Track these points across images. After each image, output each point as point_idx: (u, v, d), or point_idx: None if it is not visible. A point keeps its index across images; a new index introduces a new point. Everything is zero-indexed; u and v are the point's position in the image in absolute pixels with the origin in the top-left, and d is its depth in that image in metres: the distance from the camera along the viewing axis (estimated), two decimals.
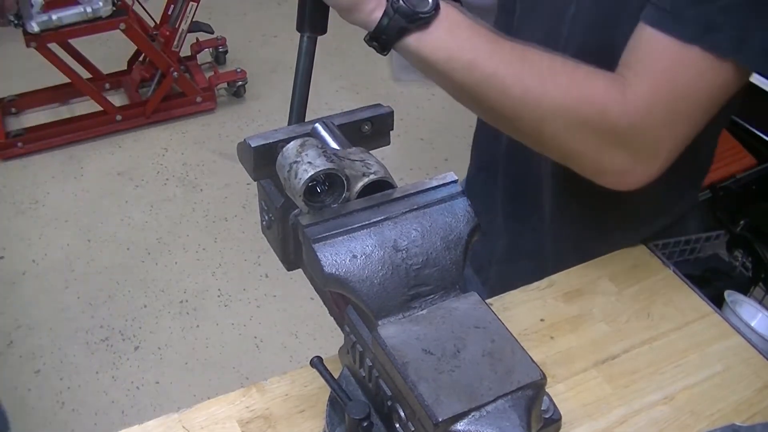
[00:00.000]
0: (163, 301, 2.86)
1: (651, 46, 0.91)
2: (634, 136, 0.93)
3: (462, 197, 0.78)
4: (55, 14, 3.09)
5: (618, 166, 0.95)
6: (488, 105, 0.94)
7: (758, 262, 2.39)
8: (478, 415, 0.67)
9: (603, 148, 0.94)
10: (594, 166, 0.97)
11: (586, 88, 0.92)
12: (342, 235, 0.73)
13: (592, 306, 1.13)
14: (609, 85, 0.92)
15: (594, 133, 0.93)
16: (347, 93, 3.86)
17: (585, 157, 0.96)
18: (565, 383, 1.02)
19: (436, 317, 0.74)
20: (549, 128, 0.94)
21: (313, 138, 0.79)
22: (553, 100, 0.91)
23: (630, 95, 0.91)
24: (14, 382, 2.56)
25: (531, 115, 0.93)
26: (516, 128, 0.98)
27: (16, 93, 3.64)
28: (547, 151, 1.01)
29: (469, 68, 0.90)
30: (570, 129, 0.93)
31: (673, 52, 0.89)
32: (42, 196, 3.27)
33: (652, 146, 0.94)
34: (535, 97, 0.91)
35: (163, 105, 3.60)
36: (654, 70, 0.91)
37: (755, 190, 2.73)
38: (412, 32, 0.89)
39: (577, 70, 0.93)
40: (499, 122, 1.00)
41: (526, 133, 0.98)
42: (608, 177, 0.98)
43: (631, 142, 0.93)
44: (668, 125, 0.93)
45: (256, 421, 0.96)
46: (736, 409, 1.00)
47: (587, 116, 0.92)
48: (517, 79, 0.91)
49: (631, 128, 0.92)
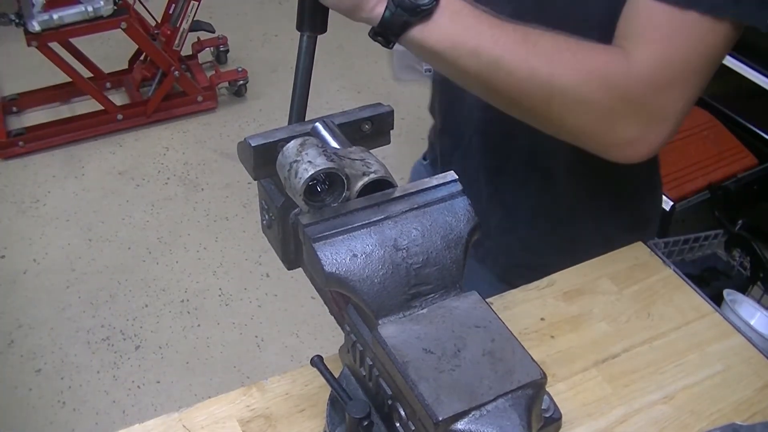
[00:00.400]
0: (164, 300, 2.86)
1: (648, 15, 0.92)
2: (643, 104, 0.94)
3: (462, 196, 0.78)
4: (56, 13, 3.10)
5: (630, 136, 0.97)
6: (496, 89, 0.95)
7: (756, 262, 2.39)
8: (479, 414, 0.67)
9: (614, 121, 0.95)
10: (606, 140, 0.98)
11: (591, 63, 0.93)
12: (342, 235, 0.73)
13: (593, 305, 1.13)
14: (612, 57, 0.93)
15: (604, 107, 0.94)
16: (348, 92, 3.86)
17: (597, 132, 0.98)
18: (565, 383, 1.02)
19: (436, 316, 0.74)
20: (558, 107, 0.95)
21: (313, 137, 0.79)
22: (560, 79, 0.93)
23: (633, 65, 0.92)
24: (15, 381, 2.56)
25: (540, 95, 0.94)
26: (525, 110, 0.99)
27: (17, 92, 3.65)
28: (557, 130, 1.01)
29: (474, 54, 0.91)
30: (580, 105, 0.94)
31: (670, 20, 0.91)
32: (43, 196, 3.27)
33: (661, 112, 0.95)
34: (542, 77, 0.92)
35: (164, 104, 3.60)
36: (653, 39, 0.92)
37: (756, 190, 2.73)
38: (415, 24, 0.90)
39: (581, 46, 0.94)
40: (508, 105, 1.00)
41: (535, 114, 0.99)
42: (621, 150, 0.99)
43: (640, 111, 0.95)
44: (674, 89, 0.94)
45: (257, 420, 0.96)
46: (736, 409, 1.00)
47: (595, 90, 0.93)
48: (523, 61, 0.92)
49: (639, 96, 0.94)
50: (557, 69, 0.92)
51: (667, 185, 2.61)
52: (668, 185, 2.63)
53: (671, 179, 2.65)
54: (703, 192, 2.67)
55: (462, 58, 0.92)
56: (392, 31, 0.91)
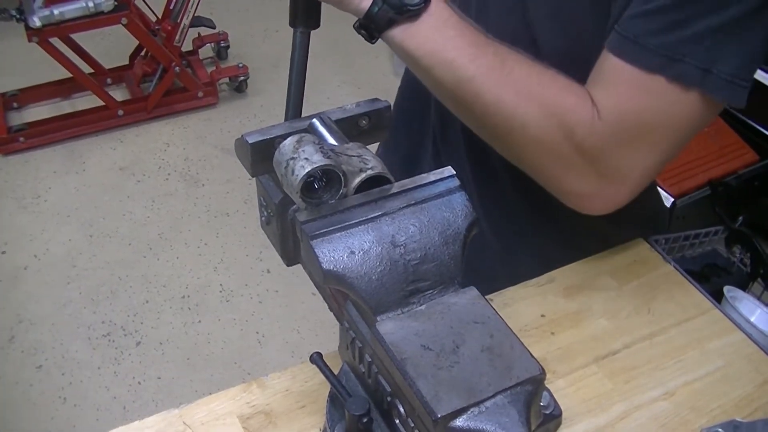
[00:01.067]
0: (164, 296, 2.86)
1: (616, 73, 0.90)
2: (600, 158, 0.93)
3: (460, 192, 0.78)
4: (57, 9, 3.09)
5: (583, 188, 0.96)
6: (464, 106, 0.95)
7: (757, 258, 2.39)
8: (477, 410, 0.67)
9: (568, 169, 0.95)
10: (559, 185, 0.98)
11: (558, 104, 0.92)
12: (340, 231, 0.73)
13: (593, 302, 1.12)
14: (580, 103, 0.92)
15: (560, 152, 0.93)
16: (348, 87, 3.86)
17: (550, 175, 0.97)
18: (565, 379, 1.02)
19: (434, 313, 0.74)
20: (518, 140, 0.95)
21: (310, 134, 0.79)
22: (523, 116, 0.92)
23: (597, 117, 0.91)
24: (16, 377, 2.57)
25: (501, 125, 0.94)
26: (489, 134, 0.99)
27: (18, 88, 3.64)
28: (514, 161, 1.01)
29: (448, 68, 0.91)
30: (537, 144, 0.94)
31: (638, 81, 0.89)
32: (44, 191, 3.27)
33: (618, 170, 0.94)
34: (507, 108, 0.92)
35: (165, 100, 3.60)
36: (620, 97, 0.90)
37: (757, 186, 2.73)
38: (400, 23, 0.90)
39: (554, 83, 0.93)
40: (474, 125, 1.00)
41: (495, 140, 0.99)
42: (573, 198, 0.99)
43: (596, 165, 0.93)
44: (636, 149, 0.93)
45: (257, 416, 0.96)
46: (736, 405, 1.00)
47: (554, 133, 0.92)
48: (493, 87, 0.91)
49: (596, 150, 0.92)
50: (523, 102, 0.92)
51: (667, 181, 2.61)
52: (669, 181, 2.63)
53: (672, 176, 2.65)
54: (703, 188, 2.67)
55: (436, 68, 0.92)
56: (376, 26, 0.90)
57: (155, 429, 0.94)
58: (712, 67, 0.86)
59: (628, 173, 0.94)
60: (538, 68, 0.93)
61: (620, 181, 0.95)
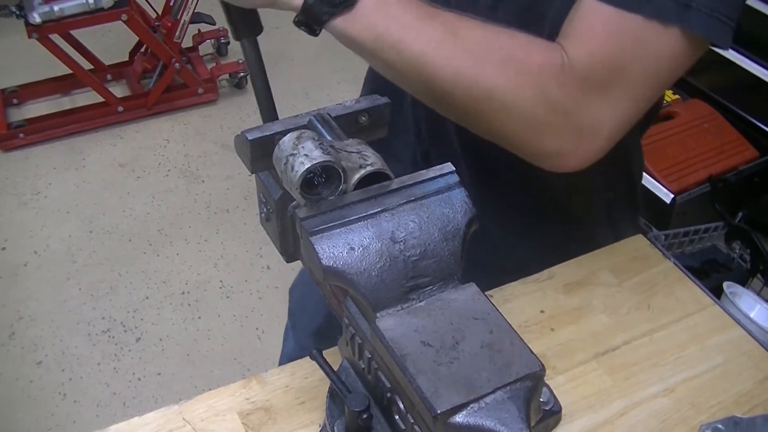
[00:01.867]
0: (164, 292, 2.86)
1: (591, 16, 0.85)
2: (576, 111, 0.87)
3: (459, 188, 0.78)
4: (57, 5, 3.09)
5: (559, 146, 0.90)
6: (419, 85, 0.90)
7: (756, 254, 2.39)
8: (477, 406, 0.67)
9: (542, 129, 0.88)
10: (534, 150, 0.92)
11: (523, 64, 0.86)
12: (339, 228, 0.73)
13: (593, 298, 1.12)
14: (547, 58, 0.86)
15: (531, 114, 0.87)
16: (349, 85, 3.85)
17: (524, 139, 0.91)
18: (565, 375, 1.02)
19: (434, 309, 0.74)
20: (484, 110, 0.88)
21: (309, 130, 0.79)
22: (487, 80, 0.86)
23: (568, 68, 0.85)
24: (16, 373, 2.57)
25: (463, 97, 0.88)
26: (451, 109, 0.93)
27: (18, 84, 3.64)
28: (482, 132, 0.94)
29: (396, 48, 0.87)
30: (506, 110, 0.87)
31: (613, 22, 0.83)
32: (44, 188, 3.27)
33: (593, 123, 0.88)
34: (466, 78, 0.86)
35: (165, 96, 3.60)
36: (594, 42, 0.85)
37: (757, 183, 2.73)
38: (339, 14, 0.87)
39: (515, 43, 0.87)
40: (431, 102, 0.94)
41: (461, 114, 0.93)
42: (548, 159, 0.92)
43: (571, 120, 0.87)
44: (609, 95, 0.86)
45: (257, 412, 0.96)
46: (736, 401, 1.00)
47: (524, 95, 0.86)
48: (447, 59, 0.86)
49: (571, 102, 0.86)
50: (484, 69, 0.85)
51: (667, 178, 2.62)
52: (669, 178, 2.63)
53: (672, 172, 2.65)
54: (703, 184, 2.67)
55: (384, 51, 0.87)
56: (315, 19, 0.87)
57: (155, 425, 0.94)
58: (691, 2, 0.82)
59: (602, 122, 0.88)
60: (494, 29, 0.87)
61: (596, 133, 0.89)
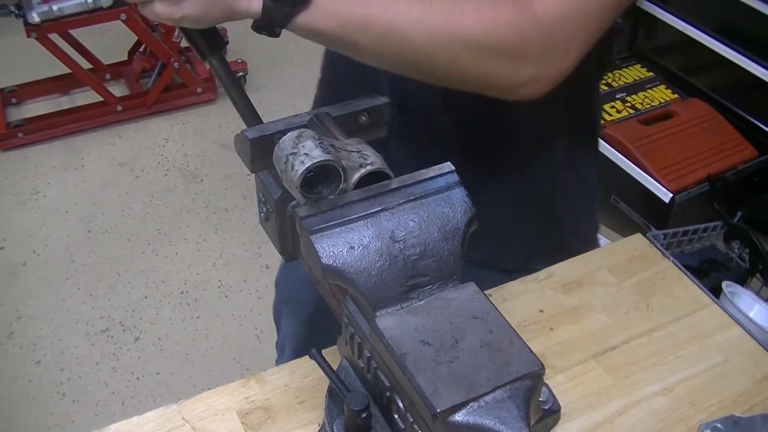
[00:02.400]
0: (163, 292, 2.86)
1: None
2: (548, 44, 0.90)
3: (459, 187, 0.78)
4: (56, 5, 3.09)
5: (533, 73, 0.92)
6: (394, 57, 0.90)
7: (755, 254, 2.39)
8: (476, 405, 0.67)
9: (518, 65, 0.90)
10: (510, 83, 0.93)
11: (494, 11, 0.88)
12: (339, 227, 0.73)
13: (592, 297, 1.13)
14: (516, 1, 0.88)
15: (510, 53, 0.89)
16: None
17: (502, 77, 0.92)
18: (564, 374, 1.02)
19: (434, 308, 0.74)
20: (463, 61, 0.90)
21: (309, 129, 0.79)
22: (464, 34, 0.87)
23: (538, 6, 0.88)
24: (15, 373, 2.57)
25: (442, 55, 0.89)
26: (426, 71, 0.93)
27: (17, 83, 3.64)
28: (460, 84, 0.95)
29: (364, 27, 0.86)
30: (486, 55, 0.89)
31: None
32: (42, 187, 3.27)
33: (564, 48, 0.91)
34: (442, 37, 0.87)
35: (164, 96, 3.59)
36: None
37: (756, 182, 2.73)
38: (299, 11, 0.86)
39: None
40: (407, 70, 0.94)
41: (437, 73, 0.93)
42: (521, 90, 0.94)
43: (545, 51, 0.90)
44: (580, 27, 0.90)
45: (256, 412, 0.96)
46: (735, 401, 1.00)
47: (502, 38, 0.88)
48: (418, 23, 0.86)
49: (545, 38, 0.89)
50: (458, 25, 0.87)
51: (666, 177, 2.62)
52: (668, 177, 2.63)
53: (671, 171, 2.65)
54: (702, 184, 2.67)
55: (353, 34, 0.87)
56: (276, 22, 0.86)
57: (154, 424, 0.94)
58: None
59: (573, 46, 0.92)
60: None
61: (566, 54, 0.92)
